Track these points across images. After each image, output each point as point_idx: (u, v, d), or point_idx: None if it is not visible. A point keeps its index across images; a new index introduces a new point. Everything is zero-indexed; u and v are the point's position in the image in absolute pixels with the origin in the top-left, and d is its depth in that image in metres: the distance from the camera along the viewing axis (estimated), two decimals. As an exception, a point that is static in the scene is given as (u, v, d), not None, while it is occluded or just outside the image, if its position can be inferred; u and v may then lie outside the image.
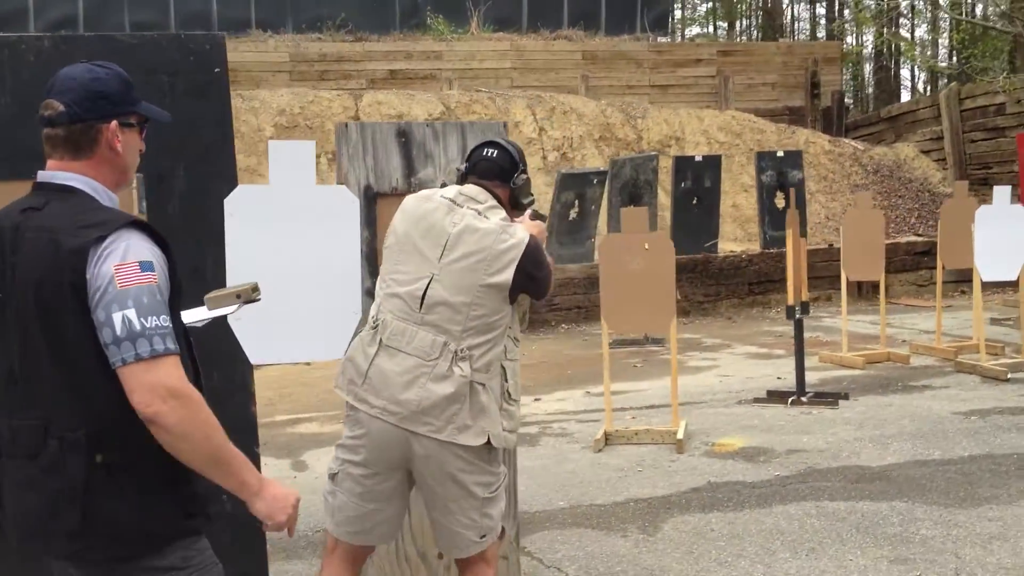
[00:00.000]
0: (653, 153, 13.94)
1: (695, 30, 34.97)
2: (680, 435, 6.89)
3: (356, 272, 3.98)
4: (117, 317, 2.18)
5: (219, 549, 3.91)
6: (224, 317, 3.04)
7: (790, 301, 8.10)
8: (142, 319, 2.19)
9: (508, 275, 3.35)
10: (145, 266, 2.24)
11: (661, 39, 20.60)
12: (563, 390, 9.23)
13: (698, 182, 13.61)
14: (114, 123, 2.38)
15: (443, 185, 4.00)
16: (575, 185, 12.73)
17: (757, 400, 8.29)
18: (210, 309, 2.90)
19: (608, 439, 7.10)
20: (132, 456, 2.26)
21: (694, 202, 13.62)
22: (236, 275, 3.87)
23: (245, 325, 3.89)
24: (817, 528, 5.25)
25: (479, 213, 3.42)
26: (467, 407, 3.29)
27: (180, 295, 2.42)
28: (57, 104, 2.34)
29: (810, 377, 9.20)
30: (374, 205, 4.09)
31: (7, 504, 2.35)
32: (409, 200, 3.50)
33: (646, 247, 6.83)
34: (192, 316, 2.83)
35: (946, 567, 4.69)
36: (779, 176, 13.97)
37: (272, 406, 9.20)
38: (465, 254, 3.34)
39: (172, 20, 18.45)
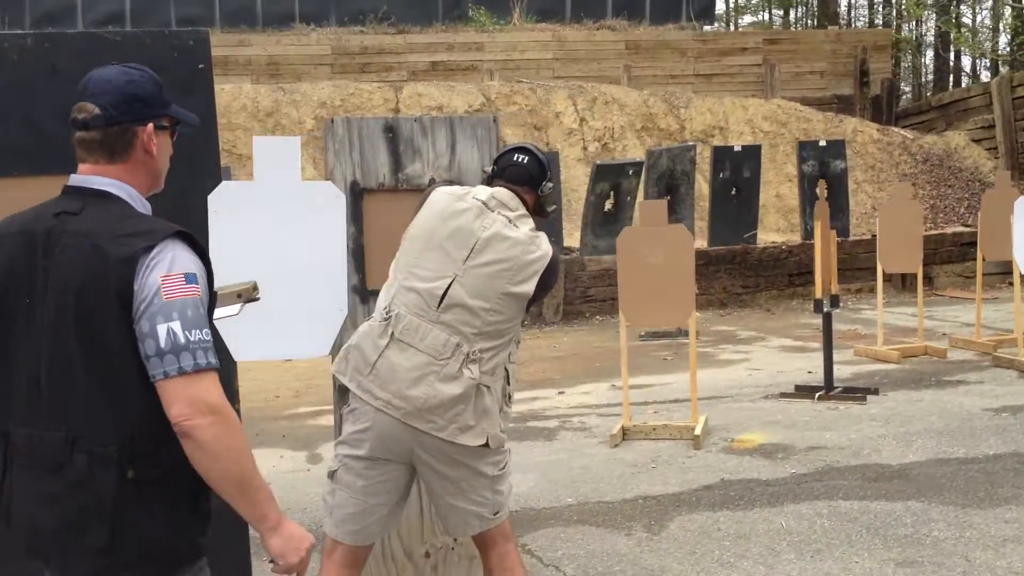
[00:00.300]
0: (691, 143, 13.79)
1: (747, 19, 34.58)
2: (698, 431, 6.79)
3: (342, 269, 3.95)
4: (162, 329, 2.14)
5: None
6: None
7: (818, 295, 7.94)
8: (187, 332, 2.15)
9: (531, 286, 3.36)
10: (190, 278, 2.21)
11: (707, 28, 20.34)
12: (589, 383, 9.15)
13: (737, 172, 13.44)
14: (150, 126, 2.34)
15: (431, 181, 3.96)
16: (610, 176, 12.63)
17: (784, 395, 8.15)
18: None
19: (625, 434, 7.02)
20: (163, 473, 2.22)
21: (733, 192, 13.46)
22: (220, 272, 3.85)
23: (229, 322, 3.87)
24: (827, 528, 5.13)
25: (509, 220, 3.40)
26: (471, 408, 3.28)
27: (214, 307, 2.40)
28: (92, 107, 2.28)
29: (843, 371, 9.05)
30: (360, 201, 4.04)
31: (17, 517, 2.26)
32: (440, 195, 3.45)
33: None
34: None
35: (953, 570, 4.56)
36: (821, 166, 13.76)
37: (298, 397, 9.24)
38: (491, 260, 3.32)
39: (217, 15, 18.59)
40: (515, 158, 3.53)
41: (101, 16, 18.22)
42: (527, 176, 3.50)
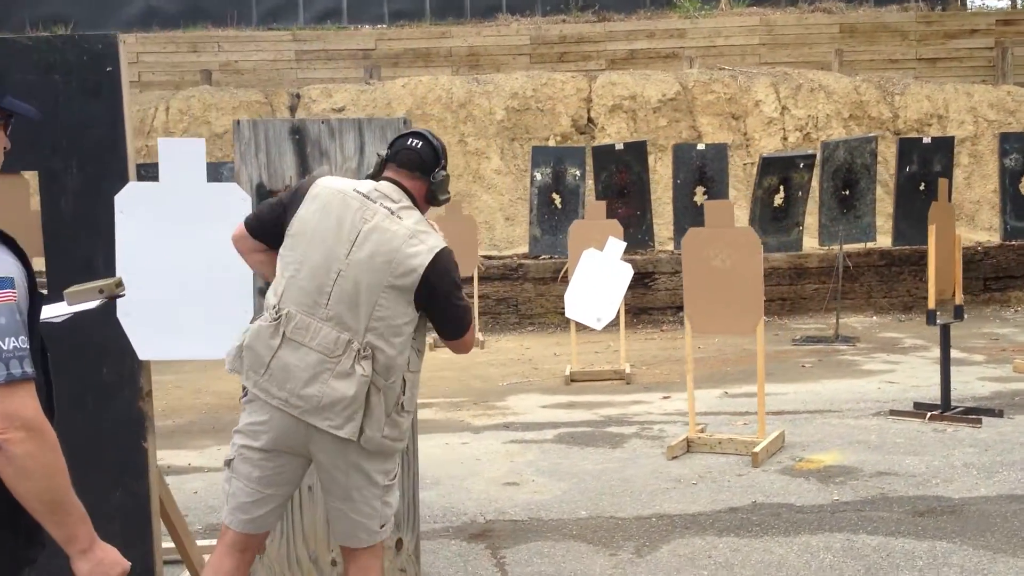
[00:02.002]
0: (872, 135, 12.90)
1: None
2: (759, 448, 6.36)
3: (247, 271, 3.94)
4: None
5: (106, 539, 4.02)
6: (108, 312, 3.03)
7: (930, 304, 7.26)
8: (1, 340, 2.05)
9: (412, 280, 3.28)
10: (5, 283, 2.09)
11: (938, 8, 18.92)
12: (703, 389, 8.76)
13: (926, 166, 12.48)
14: None
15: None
16: (778, 169, 12.03)
17: (894, 412, 7.51)
18: (70, 304, 2.93)
19: (690, 446, 6.68)
20: None
21: (921, 188, 12.49)
22: (126, 272, 3.95)
23: (135, 321, 3.97)
24: (824, 565, 4.69)
25: (392, 212, 3.34)
26: (364, 406, 3.24)
27: (39, 312, 2.28)
28: None
29: (984, 389, 8.31)
30: (269, 204, 4.03)
31: None
32: (321, 188, 3.37)
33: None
34: (52, 311, 2.88)
35: (926, 626, 4.06)
36: (1029, 160, 12.58)
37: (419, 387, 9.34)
38: (372, 253, 3.27)
39: (427, 7, 19.02)
40: (408, 142, 3.44)
41: (319, 11, 19.04)
42: (418, 161, 3.41)
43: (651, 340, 11.92)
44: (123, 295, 3.03)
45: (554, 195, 13.21)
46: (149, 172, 6.19)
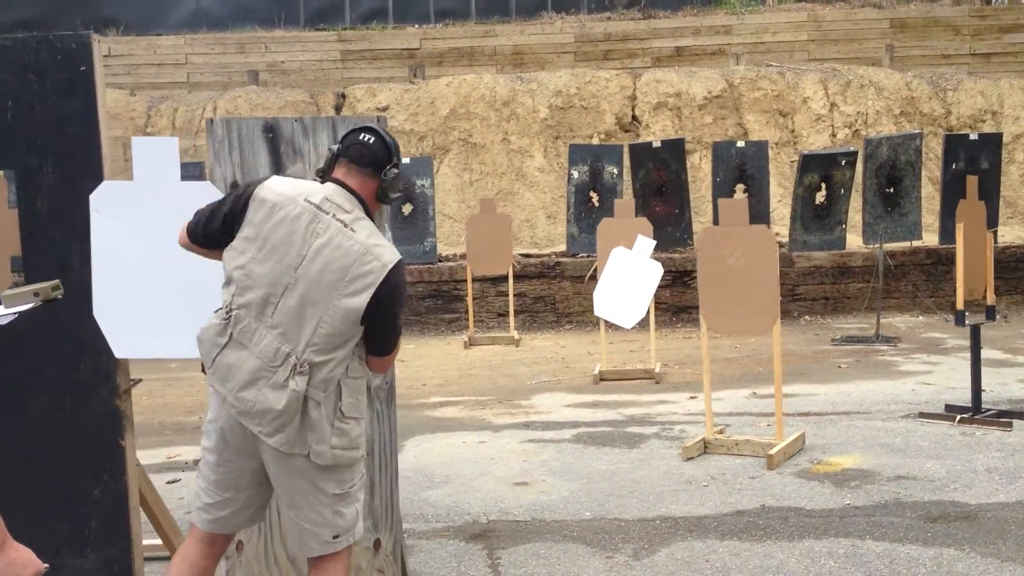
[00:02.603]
0: (916, 131, 12.61)
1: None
2: (774, 450, 6.22)
3: (221, 269, 3.92)
4: None
5: (84, 536, 4.04)
6: (85, 311, 3.02)
7: (959, 305, 7.05)
8: None
9: (363, 300, 3.21)
10: None
11: (993, 2, 18.49)
12: (732, 388, 8.64)
13: (973, 163, 12.17)
14: None
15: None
16: (820, 167, 11.82)
17: (924, 415, 7.31)
18: (6, 307, 2.96)
19: (707, 447, 6.56)
20: None
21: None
22: (101, 270, 3.95)
23: (111, 319, 3.97)
24: (824, 572, 4.55)
25: (345, 225, 3.26)
26: (296, 421, 3.20)
27: None
28: None
29: (1022, 391, 8.04)
30: (245, 201, 4.00)
31: None
32: (271, 193, 3.29)
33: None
34: None
35: (920, 637, 3.92)
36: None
37: (445, 386, 9.33)
38: (322, 270, 3.21)
39: (472, 7, 19.00)
40: (361, 137, 3.37)
41: (365, 11, 19.11)
42: (370, 157, 3.34)
43: (688, 339, 11.76)
44: (59, 297, 3.02)
45: (592, 193, 13.11)
46: (189, 172, 6.16)
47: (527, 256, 13.43)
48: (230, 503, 3.34)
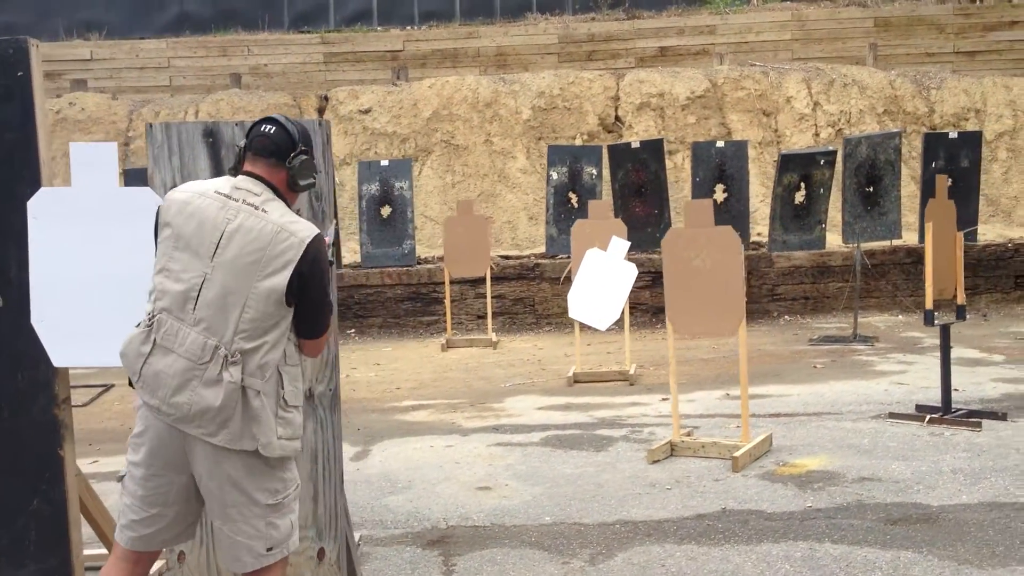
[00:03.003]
0: (896, 130, 12.59)
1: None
2: (739, 453, 6.19)
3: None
4: None
5: (23, 547, 3.98)
6: (22, 319, 3.00)
7: (928, 304, 7.02)
8: None
9: (283, 278, 3.20)
10: None
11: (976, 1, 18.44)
12: (706, 390, 8.60)
13: (953, 162, 12.15)
14: None
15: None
16: (799, 166, 11.78)
17: (894, 415, 7.28)
18: None
19: (673, 450, 6.52)
20: None
21: (948, 184, 12.13)
22: (39, 277, 3.91)
23: (49, 327, 3.93)
24: (779, 575, 4.52)
25: (256, 208, 3.26)
26: (239, 413, 3.16)
27: None
28: None
29: (995, 391, 8.03)
30: (191, 206, 3.95)
31: None
32: (181, 194, 3.32)
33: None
34: None
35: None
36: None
37: (419, 389, 9.28)
38: (237, 255, 3.19)
39: (457, 8, 18.97)
40: (262, 128, 3.37)
41: (349, 13, 19.06)
42: (272, 147, 3.34)
43: (666, 341, 11.67)
44: None
45: (571, 194, 13.07)
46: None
47: (506, 258, 13.40)
48: (157, 519, 3.28)
